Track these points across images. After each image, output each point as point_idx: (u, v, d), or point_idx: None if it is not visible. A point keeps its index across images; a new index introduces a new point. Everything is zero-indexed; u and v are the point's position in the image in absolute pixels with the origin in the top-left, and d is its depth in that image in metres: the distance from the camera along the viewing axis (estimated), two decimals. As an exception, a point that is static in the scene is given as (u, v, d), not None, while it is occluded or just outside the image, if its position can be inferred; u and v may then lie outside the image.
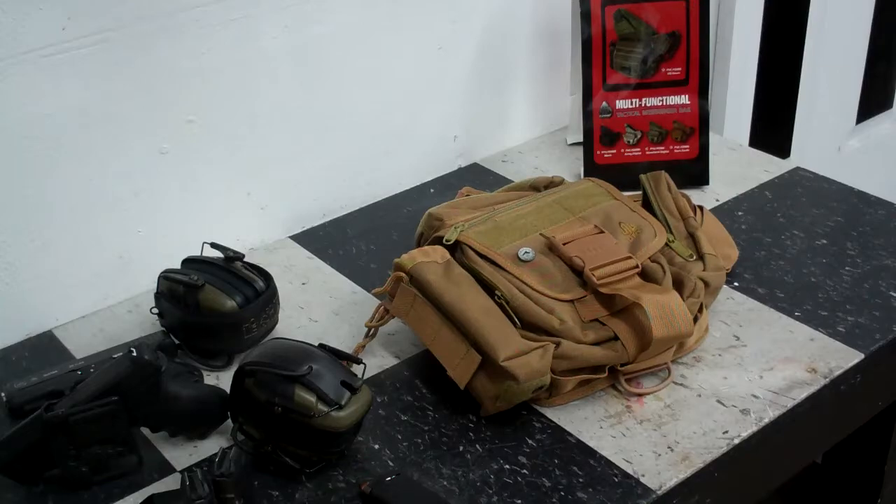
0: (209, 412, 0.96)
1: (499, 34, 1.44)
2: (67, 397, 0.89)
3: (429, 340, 1.00)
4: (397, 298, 1.03)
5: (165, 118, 1.16)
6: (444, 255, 1.03)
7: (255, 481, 0.92)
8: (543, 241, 1.05)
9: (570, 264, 1.02)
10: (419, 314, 1.01)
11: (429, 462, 0.93)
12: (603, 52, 1.36)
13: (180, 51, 1.14)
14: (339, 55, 1.28)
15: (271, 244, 1.31)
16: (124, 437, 0.91)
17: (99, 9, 1.06)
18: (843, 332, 1.07)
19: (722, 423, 0.95)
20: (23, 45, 1.03)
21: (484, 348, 0.94)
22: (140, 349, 0.90)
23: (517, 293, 0.99)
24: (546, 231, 1.07)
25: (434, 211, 1.12)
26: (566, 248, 1.03)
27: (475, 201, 1.15)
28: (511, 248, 1.04)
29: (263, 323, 1.07)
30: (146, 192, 1.18)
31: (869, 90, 2.18)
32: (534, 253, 1.03)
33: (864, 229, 1.25)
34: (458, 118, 1.46)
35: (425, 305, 1.00)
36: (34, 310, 1.14)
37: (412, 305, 1.01)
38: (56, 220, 1.12)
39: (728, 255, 1.17)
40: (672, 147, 1.38)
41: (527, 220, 1.08)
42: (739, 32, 1.74)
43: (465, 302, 0.98)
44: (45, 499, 0.91)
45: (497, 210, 1.10)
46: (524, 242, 1.05)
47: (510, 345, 0.94)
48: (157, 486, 0.92)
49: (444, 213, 1.10)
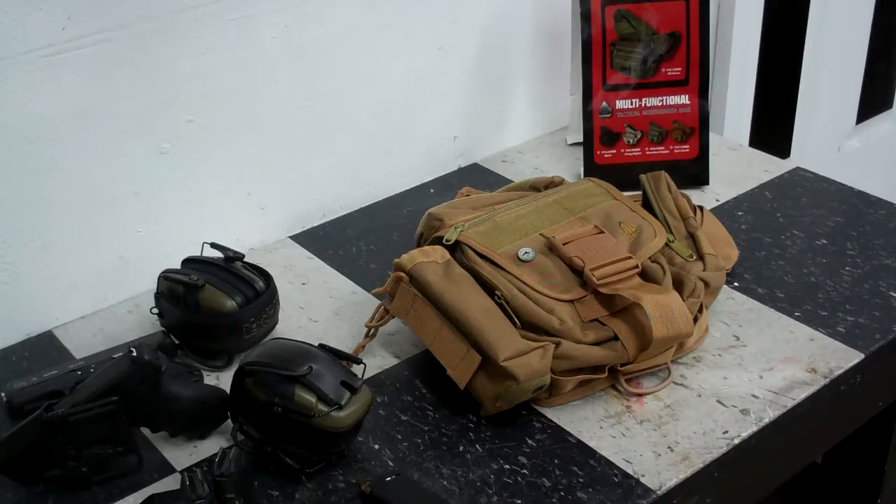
0: (209, 412, 0.96)
1: (499, 34, 1.44)
2: (67, 397, 0.89)
3: (429, 340, 1.00)
4: (397, 298, 1.03)
5: (165, 118, 1.16)
6: (444, 256, 1.03)
7: (256, 481, 0.92)
8: (543, 242, 1.05)
9: (570, 264, 1.02)
10: (419, 314, 1.01)
11: (429, 462, 0.93)
12: (603, 52, 1.36)
13: (180, 51, 1.14)
14: (339, 55, 1.28)
15: (271, 244, 1.31)
16: (124, 437, 0.91)
17: (99, 9, 1.06)
18: (843, 332, 1.07)
19: (722, 423, 0.95)
20: (23, 45, 1.03)
21: (484, 348, 0.94)
22: (140, 349, 0.90)
23: (517, 293, 0.99)
24: (546, 231, 1.07)
25: (434, 211, 1.12)
26: (566, 248, 1.03)
27: (475, 201, 1.15)
28: (511, 248, 1.04)
29: (263, 323, 1.07)
30: (146, 192, 1.18)
31: (869, 90, 2.18)
32: (534, 253, 1.03)
33: (864, 229, 1.25)
34: (458, 118, 1.46)
35: (425, 305, 1.00)
36: (34, 310, 1.14)
37: (412, 305, 1.01)
38: (56, 220, 1.12)
39: (728, 255, 1.17)
40: (672, 147, 1.38)
41: (527, 221, 1.08)
42: (739, 32, 1.74)
43: (465, 302, 0.98)
44: (45, 499, 0.91)
45: (497, 210, 1.10)
46: (524, 242, 1.05)
47: (510, 345, 0.94)
48: (156, 486, 0.92)
49: (444, 213, 1.10)
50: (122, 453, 0.91)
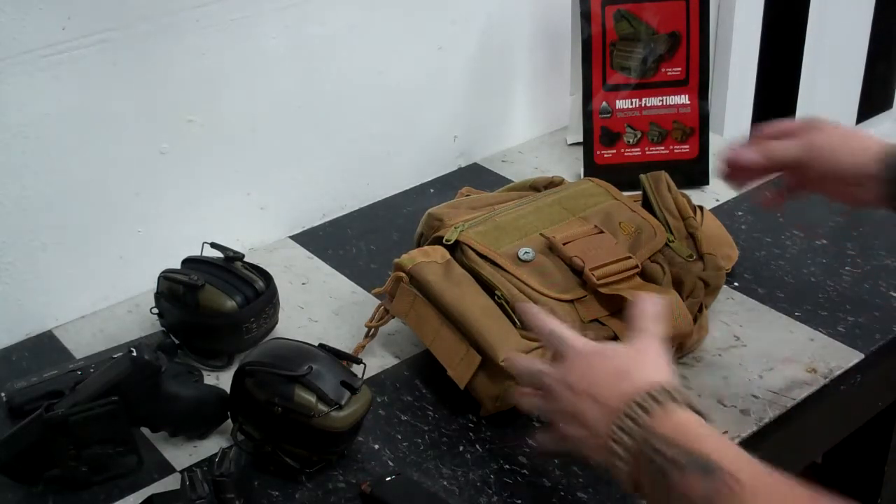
0: (209, 412, 0.96)
1: (499, 34, 1.44)
2: (67, 397, 0.89)
3: (428, 340, 1.00)
4: (397, 298, 1.03)
5: (165, 118, 1.16)
6: (445, 256, 1.03)
7: (256, 481, 0.92)
8: (543, 242, 1.05)
9: (570, 264, 1.02)
10: (419, 314, 1.01)
11: (429, 462, 0.93)
12: (603, 52, 1.36)
13: (180, 51, 1.14)
14: (339, 55, 1.28)
15: (271, 244, 1.31)
16: (124, 437, 0.91)
17: (99, 9, 1.06)
18: (843, 332, 1.07)
19: (722, 423, 0.95)
20: (23, 45, 1.03)
21: (484, 348, 0.94)
22: (140, 349, 0.90)
23: (517, 293, 0.99)
24: (546, 231, 1.06)
25: (434, 211, 1.12)
26: (566, 248, 1.03)
27: (475, 201, 1.15)
28: (511, 248, 1.04)
29: (263, 323, 1.07)
30: (146, 192, 1.18)
31: (869, 90, 2.18)
32: (534, 253, 1.03)
33: (864, 229, 1.25)
34: (458, 118, 1.46)
35: (425, 305, 1.00)
36: (34, 310, 1.14)
37: (412, 305, 1.01)
38: (56, 220, 1.12)
39: (728, 255, 1.17)
40: (672, 147, 1.38)
41: (527, 221, 1.08)
42: (739, 32, 1.74)
43: (465, 302, 0.98)
44: (45, 499, 0.91)
45: (497, 210, 1.10)
46: (524, 242, 1.05)
47: (510, 345, 0.94)
48: (157, 486, 0.92)
49: (444, 214, 1.10)
50: (122, 453, 0.91)
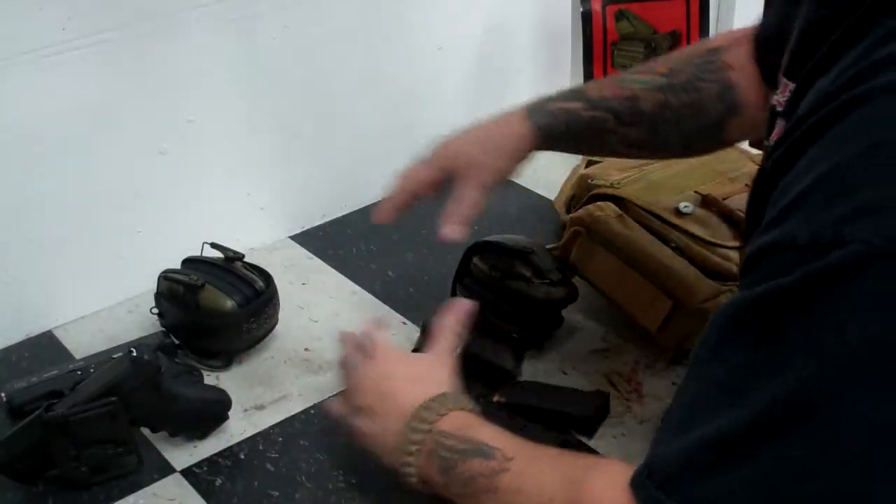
0: (209, 412, 0.97)
1: (499, 34, 1.44)
2: (67, 397, 0.89)
3: (612, 289, 1.04)
4: (576, 251, 1.07)
5: (165, 118, 1.16)
6: (616, 210, 1.07)
7: (255, 482, 0.92)
8: (698, 198, 1.09)
9: (731, 216, 1.06)
10: (599, 265, 1.05)
11: (429, 462, 0.93)
12: (603, 51, 1.36)
13: (180, 51, 1.14)
14: (339, 55, 1.28)
15: (271, 244, 1.31)
16: (124, 437, 0.91)
17: (99, 9, 1.06)
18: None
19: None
20: (23, 45, 1.03)
21: (677, 293, 0.98)
22: (140, 349, 0.90)
23: (690, 243, 1.03)
24: (700, 188, 1.10)
25: (587, 172, 1.17)
26: (725, 203, 1.07)
27: (618, 163, 1.18)
28: (670, 202, 1.08)
29: (263, 323, 1.07)
30: (146, 192, 1.18)
31: (869, 90, 2.17)
32: (693, 206, 1.07)
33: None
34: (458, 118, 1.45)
35: (607, 256, 1.04)
36: (34, 310, 1.14)
37: (591, 257, 1.05)
38: (56, 220, 1.12)
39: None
40: (672, 147, 1.38)
41: (680, 180, 1.12)
42: (739, 32, 1.74)
43: (650, 251, 1.02)
44: (45, 499, 0.91)
45: (647, 171, 1.14)
46: (682, 198, 1.09)
47: (703, 288, 0.98)
48: (156, 486, 0.92)
49: (596, 174, 1.15)
50: (122, 453, 0.91)
